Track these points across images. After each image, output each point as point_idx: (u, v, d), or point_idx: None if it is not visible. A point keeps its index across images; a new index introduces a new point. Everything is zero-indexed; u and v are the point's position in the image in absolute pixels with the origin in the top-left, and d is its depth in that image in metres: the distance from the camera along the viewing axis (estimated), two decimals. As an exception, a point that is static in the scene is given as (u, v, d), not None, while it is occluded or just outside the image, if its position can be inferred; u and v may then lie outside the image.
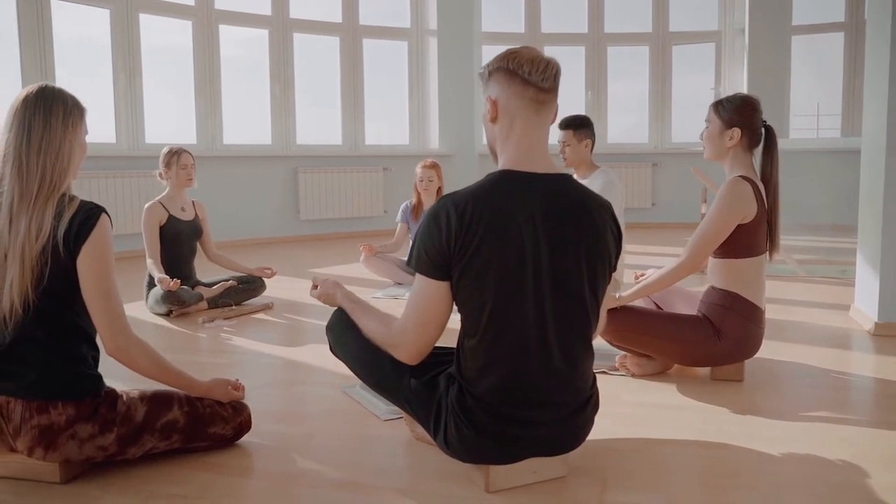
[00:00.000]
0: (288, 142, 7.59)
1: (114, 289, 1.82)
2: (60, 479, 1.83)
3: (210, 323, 3.68)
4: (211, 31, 7.05)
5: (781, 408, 2.38)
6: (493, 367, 1.67)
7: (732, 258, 2.52)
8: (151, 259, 3.86)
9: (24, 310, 1.75)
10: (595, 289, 1.72)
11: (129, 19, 6.46)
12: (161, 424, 1.92)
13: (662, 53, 8.51)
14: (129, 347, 1.85)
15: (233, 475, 1.89)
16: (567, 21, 8.66)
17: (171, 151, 4.01)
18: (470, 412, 1.69)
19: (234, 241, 6.85)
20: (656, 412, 2.33)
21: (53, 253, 1.76)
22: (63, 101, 1.84)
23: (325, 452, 2.04)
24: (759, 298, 2.55)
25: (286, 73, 7.54)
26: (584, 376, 1.77)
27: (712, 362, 2.60)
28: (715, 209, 2.51)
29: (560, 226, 1.65)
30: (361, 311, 1.91)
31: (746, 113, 2.55)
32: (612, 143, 8.56)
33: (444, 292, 1.67)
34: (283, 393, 2.64)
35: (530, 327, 1.65)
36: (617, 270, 3.70)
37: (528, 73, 1.66)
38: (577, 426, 1.77)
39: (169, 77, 7.13)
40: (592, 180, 3.84)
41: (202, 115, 7.05)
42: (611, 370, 2.76)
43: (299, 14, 7.61)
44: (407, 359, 1.76)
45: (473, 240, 1.60)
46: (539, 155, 1.71)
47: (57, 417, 1.78)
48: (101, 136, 6.40)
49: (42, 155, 1.78)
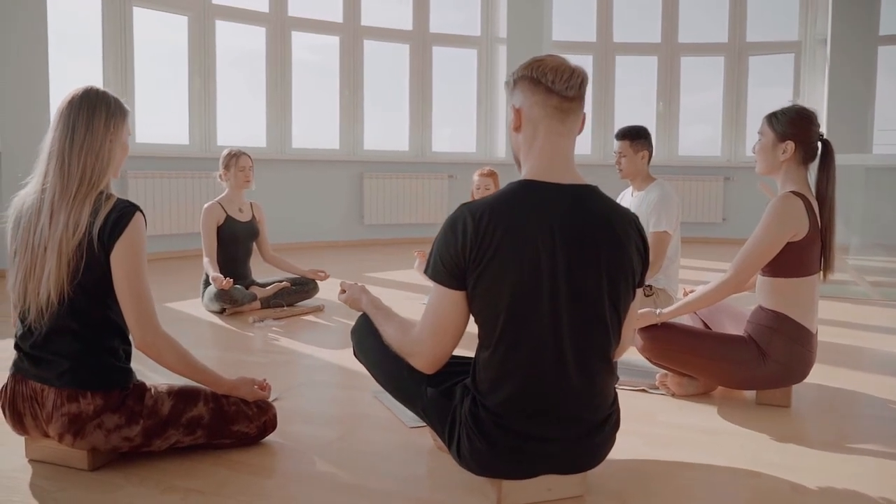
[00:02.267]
0: (355, 147, 7.71)
1: (144, 285, 1.87)
2: (88, 466, 1.90)
3: (260, 322, 3.76)
4: (283, 37, 7.24)
5: (827, 437, 2.25)
6: (506, 381, 1.64)
7: (782, 277, 2.41)
8: (208, 258, 3.97)
9: (60, 302, 1.82)
10: (617, 305, 1.67)
11: (205, 25, 6.70)
12: (186, 419, 1.96)
13: (738, 64, 8.24)
14: (157, 343, 1.90)
15: (250, 473, 1.92)
16: (640, 31, 8.50)
17: (230, 154, 4.12)
18: (482, 425, 1.66)
19: (298, 244, 7.00)
20: (691, 435, 2.24)
21: (88, 248, 1.82)
22: (106, 103, 1.91)
23: (346, 456, 2.05)
24: (810, 320, 2.42)
25: (356, 79, 7.66)
26: (604, 394, 1.71)
27: (756, 385, 2.49)
28: (763, 225, 2.40)
29: (580, 239, 1.61)
30: (383, 316, 1.90)
31: (801, 125, 2.44)
32: (683, 156, 8.34)
33: (460, 301, 1.65)
34: (316, 394, 2.66)
35: (545, 342, 1.61)
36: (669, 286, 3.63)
37: (551, 81, 1.63)
38: (594, 445, 1.72)
39: (242, 81, 7.36)
40: (648, 193, 3.74)
41: (272, 119, 7.24)
42: (651, 388, 2.67)
43: (370, 21, 7.73)
44: (423, 367, 1.74)
45: (489, 250, 1.57)
46: (562, 165, 1.67)
47: (85, 406, 1.84)
48: (175, 137, 6.66)
49: (83, 154, 1.85)
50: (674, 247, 3.73)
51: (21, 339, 1.92)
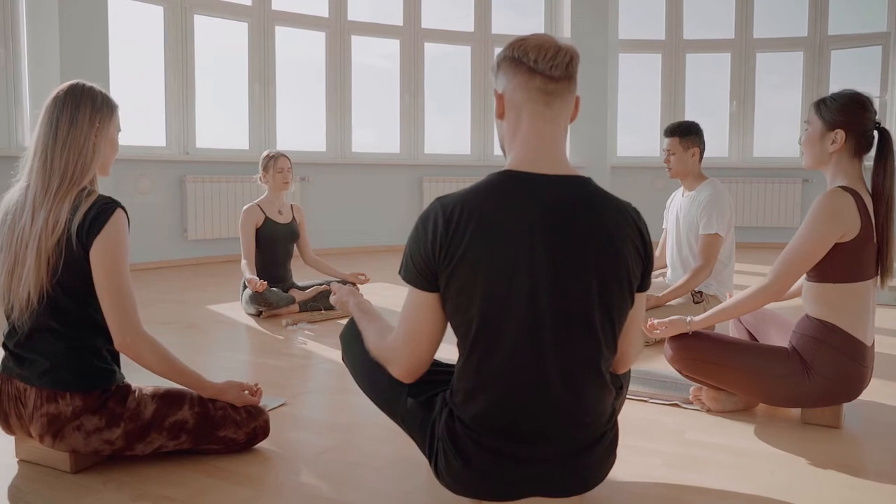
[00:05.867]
0: (416, 150, 7.65)
1: (124, 284, 1.81)
2: (70, 468, 1.86)
3: (293, 326, 3.70)
4: (342, 41, 7.25)
5: (879, 465, 1.99)
6: (481, 392, 1.48)
7: (830, 282, 2.15)
8: (245, 260, 3.95)
9: (39, 300, 1.79)
10: (609, 312, 1.48)
11: (264, 31, 6.78)
12: (169, 423, 1.89)
13: (819, 59, 7.73)
14: (137, 343, 1.83)
15: (230, 482, 1.82)
16: (711, 27, 8.11)
17: (269, 156, 4.10)
18: (459, 440, 1.52)
19: (356, 249, 6.97)
20: (717, 456, 2.02)
21: (67, 246, 1.78)
22: (92, 98, 1.87)
23: (335, 468, 1.93)
24: (863, 331, 2.15)
25: (416, 82, 7.60)
26: (595, 410, 1.53)
27: (800, 403, 2.23)
28: (807, 224, 2.15)
29: (565, 237, 1.44)
30: (367, 321, 1.77)
31: (853, 112, 2.18)
32: (758, 157, 7.90)
33: (433, 304, 1.50)
34: (325, 401, 2.56)
35: (523, 350, 1.44)
36: (720, 292, 3.35)
37: (534, 60, 1.47)
38: (585, 466, 1.54)
39: (302, 86, 7.41)
40: (699, 193, 3.50)
41: (332, 124, 7.25)
42: (684, 403, 2.45)
43: (431, 24, 7.66)
44: (400, 376, 1.61)
45: (459, 247, 1.42)
46: (549, 154, 1.50)
47: (64, 407, 1.79)
48: (235, 142, 6.75)
49: (67, 151, 1.82)
50: (727, 250, 3.47)
51: (7, 338, 1.89)
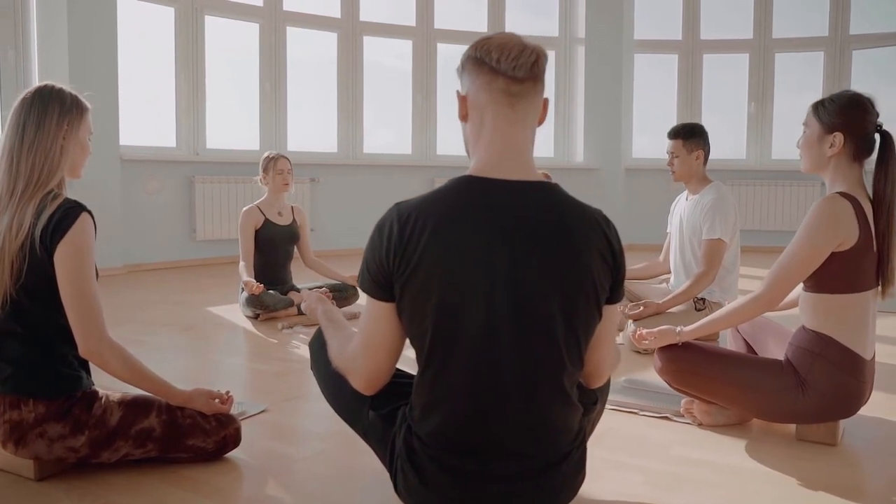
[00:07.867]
0: (428, 151, 7.60)
1: (88, 289, 1.78)
2: (35, 475, 1.83)
3: (289, 329, 3.66)
4: (354, 42, 7.21)
5: (875, 486, 1.89)
6: (436, 407, 1.42)
7: (827, 293, 2.06)
8: (244, 262, 3.92)
9: (3, 305, 1.76)
10: (574, 325, 1.40)
11: (276, 32, 6.77)
12: (135, 431, 1.85)
13: (840, 59, 7.54)
14: (102, 350, 1.79)
15: (198, 493, 1.78)
16: (729, 27, 7.95)
17: (269, 157, 4.07)
18: (416, 457, 1.45)
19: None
20: (703, 474, 1.93)
21: (31, 250, 1.74)
22: (61, 100, 1.84)
23: (303, 480, 1.88)
24: (862, 345, 2.05)
25: (428, 83, 7.55)
26: (559, 427, 1.45)
27: (794, 419, 2.14)
28: (802, 232, 2.07)
29: (526, 246, 1.37)
30: (332, 329, 1.71)
31: (853, 114, 2.07)
32: (776, 160, 7.73)
33: (389, 315, 1.44)
34: (305, 408, 2.50)
35: (479, 364, 1.37)
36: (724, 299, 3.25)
37: (496, 60, 1.41)
38: (549, 487, 1.46)
39: (314, 87, 7.39)
40: (702, 196, 3.40)
41: (343, 125, 7.23)
42: (675, 416, 2.36)
43: (444, 25, 7.60)
44: (360, 387, 1.54)
45: (413, 256, 1.36)
46: (513, 158, 1.44)
47: (27, 414, 1.76)
48: (246, 143, 6.75)
49: (33, 154, 1.79)
50: (731, 256, 3.37)
51: (-24, 343, 1.86)
